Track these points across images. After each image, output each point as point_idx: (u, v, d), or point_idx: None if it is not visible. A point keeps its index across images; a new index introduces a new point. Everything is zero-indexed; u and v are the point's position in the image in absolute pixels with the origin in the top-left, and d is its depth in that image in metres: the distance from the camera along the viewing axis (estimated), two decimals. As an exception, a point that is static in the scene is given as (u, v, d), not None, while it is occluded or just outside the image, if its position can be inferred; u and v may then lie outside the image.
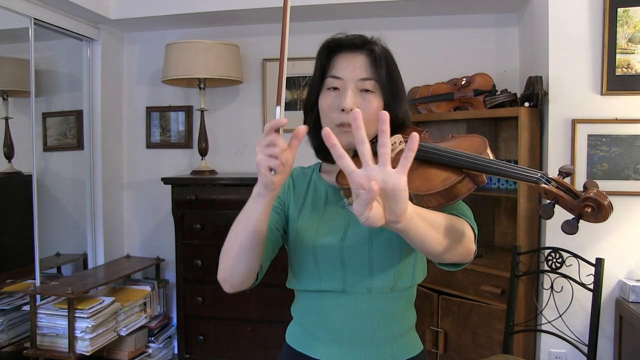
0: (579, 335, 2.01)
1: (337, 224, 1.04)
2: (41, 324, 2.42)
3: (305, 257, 1.04)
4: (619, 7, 2.17)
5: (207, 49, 2.73)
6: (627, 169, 2.18)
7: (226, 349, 2.76)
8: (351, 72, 1.01)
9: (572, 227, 0.78)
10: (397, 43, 3.21)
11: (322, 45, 1.06)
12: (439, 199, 0.85)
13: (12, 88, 2.91)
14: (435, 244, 0.83)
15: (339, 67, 1.03)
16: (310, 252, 1.03)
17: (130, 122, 3.27)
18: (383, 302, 1.03)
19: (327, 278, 1.03)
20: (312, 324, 1.06)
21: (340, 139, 0.98)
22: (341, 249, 1.01)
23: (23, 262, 2.75)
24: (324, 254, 1.02)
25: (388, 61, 1.04)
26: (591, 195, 0.77)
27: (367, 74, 1.01)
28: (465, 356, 2.33)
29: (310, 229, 1.05)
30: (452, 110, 2.60)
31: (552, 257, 2.08)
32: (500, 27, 2.83)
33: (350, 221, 1.03)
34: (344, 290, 1.02)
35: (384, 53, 1.04)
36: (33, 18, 2.54)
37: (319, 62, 1.05)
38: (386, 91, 1.03)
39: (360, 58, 1.02)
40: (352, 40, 1.03)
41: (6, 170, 2.91)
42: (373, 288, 1.01)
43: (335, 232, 1.03)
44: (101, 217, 3.07)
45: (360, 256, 1.01)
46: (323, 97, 1.04)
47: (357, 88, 1.01)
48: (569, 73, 2.24)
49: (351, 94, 1.00)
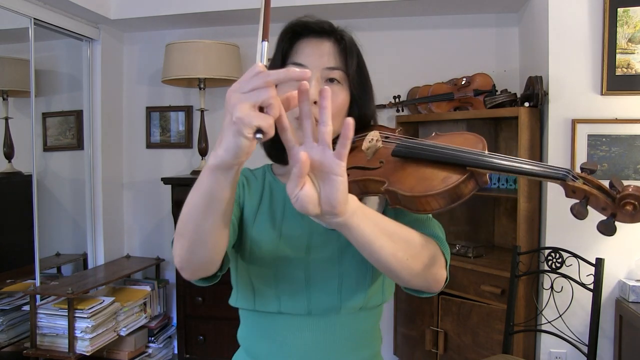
0: (579, 335, 2.01)
1: (299, 233, 0.90)
2: (41, 324, 2.42)
3: (262, 273, 0.89)
4: (619, 7, 2.17)
5: (207, 49, 2.73)
6: (627, 169, 2.18)
7: (226, 349, 2.75)
8: (316, 60, 0.89)
9: (609, 227, 0.69)
10: (397, 43, 3.20)
11: (285, 27, 0.92)
12: (440, 201, 0.75)
13: (12, 88, 2.91)
14: (388, 254, 0.73)
15: (303, 53, 0.90)
16: (269, 267, 0.88)
17: (130, 122, 3.27)
18: (353, 324, 0.90)
19: (288, 299, 0.88)
20: (265, 352, 0.91)
21: (299, 134, 0.84)
22: (306, 263, 0.88)
23: (23, 262, 2.75)
24: (286, 271, 0.88)
25: (358, 52, 0.93)
26: (631, 191, 0.68)
27: (335, 63, 0.89)
28: (465, 356, 2.33)
29: (268, 239, 0.89)
30: (452, 110, 2.60)
31: (552, 257, 2.08)
32: (500, 27, 2.83)
33: (314, 230, 0.89)
34: (308, 313, 0.88)
35: (353, 43, 0.93)
36: (33, 18, 2.54)
37: (280, 47, 0.91)
38: (355, 84, 0.92)
39: (327, 45, 0.90)
40: (320, 25, 0.91)
41: (6, 170, 2.91)
42: (342, 308, 0.88)
43: (298, 244, 0.89)
44: (101, 217, 3.07)
45: (329, 272, 0.88)
46: (282, 87, 0.86)
47: (322, 78, 0.89)
48: (569, 73, 2.24)
49: (315, 83, 0.87)
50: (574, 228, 2.19)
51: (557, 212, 2.22)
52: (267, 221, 0.92)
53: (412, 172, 0.78)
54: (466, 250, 2.41)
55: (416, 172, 0.78)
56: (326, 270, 0.88)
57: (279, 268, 0.88)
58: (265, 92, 0.58)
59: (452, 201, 0.75)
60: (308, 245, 0.89)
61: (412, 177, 0.78)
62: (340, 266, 0.88)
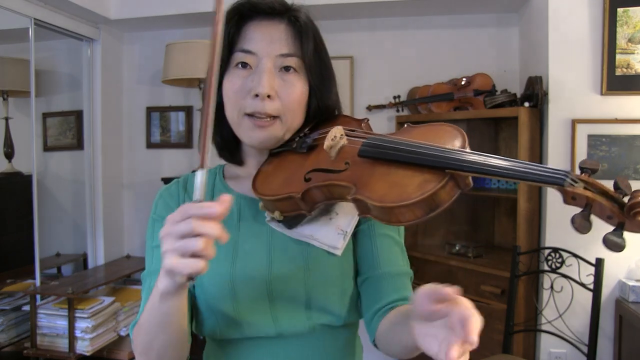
0: (579, 335, 2.01)
1: (258, 247, 0.79)
2: (41, 324, 2.42)
3: (219, 297, 0.78)
4: (619, 7, 2.17)
5: (207, 49, 2.72)
6: (627, 169, 2.18)
7: (226, 349, 2.75)
8: (268, 46, 0.77)
9: (616, 244, 0.57)
10: (397, 43, 3.19)
11: (231, 7, 0.79)
12: (416, 212, 0.63)
13: (12, 88, 2.91)
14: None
15: (252, 38, 0.78)
16: (226, 289, 0.77)
17: (130, 122, 3.27)
18: (332, 341, 0.81)
19: (252, 322, 0.78)
20: None
21: (251, 134, 0.78)
22: (269, 282, 0.77)
23: (23, 262, 2.75)
24: (246, 291, 0.77)
25: (315, 34, 0.81)
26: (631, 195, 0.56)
27: (289, 48, 0.78)
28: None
29: (222, 257, 0.77)
30: (452, 110, 2.60)
31: (552, 257, 2.08)
32: (500, 27, 2.83)
33: (274, 242, 0.79)
34: (279, 335, 0.78)
35: (309, 24, 0.81)
36: (33, 18, 2.54)
37: (227, 31, 0.78)
38: (312, 72, 0.80)
39: (280, 28, 0.79)
40: (270, 5, 0.79)
41: (6, 170, 2.91)
42: (316, 326, 0.79)
43: (258, 259, 0.78)
44: (101, 217, 3.07)
45: (295, 288, 0.77)
46: (229, 78, 0.78)
47: (275, 66, 0.77)
48: (568, 73, 2.24)
49: (268, 74, 0.76)
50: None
51: (557, 212, 2.22)
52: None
53: (383, 176, 0.67)
54: (466, 250, 2.41)
55: (387, 176, 0.66)
56: (292, 286, 0.78)
57: (238, 291, 0.77)
58: (194, 243, 0.54)
59: (430, 211, 0.63)
60: (269, 260, 0.78)
61: (383, 183, 0.66)
62: (307, 280, 0.77)
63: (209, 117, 0.62)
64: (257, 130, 0.77)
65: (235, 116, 0.79)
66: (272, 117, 0.77)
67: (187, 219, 0.55)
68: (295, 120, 0.80)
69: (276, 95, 0.77)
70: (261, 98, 0.75)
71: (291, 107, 0.78)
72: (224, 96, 0.79)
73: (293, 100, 0.78)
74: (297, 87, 0.79)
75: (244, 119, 0.77)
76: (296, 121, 0.80)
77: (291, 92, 0.78)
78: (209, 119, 0.62)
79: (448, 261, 2.43)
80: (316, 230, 0.79)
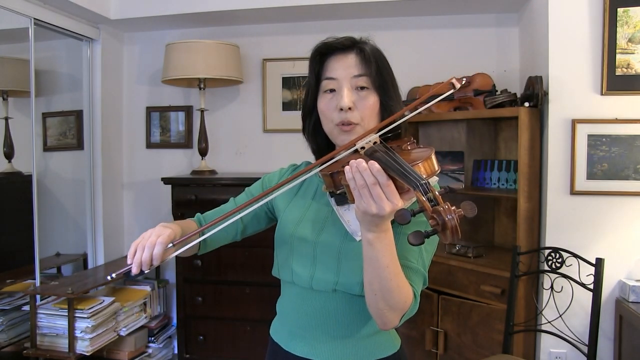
0: (579, 335, 2.01)
1: (318, 218, 1.07)
2: (41, 324, 2.42)
3: (284, 247, 1.09)
4: (619, 7, 2.17)
5: (207, 49, 2.73)
6: (627, 169, 2.18)
7: (226, 349, 2.76)
8: (344, 71, 1.03)
9: (416, 237, 0.71)
10: (397, 43, 3.20)
11: (313, 50, 1.07)
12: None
13: (12, 88, 2.91)
14: (382, 284, 0.86)
15: (332, 68, 1.04)
16: (288, 242, 1.07)
17: (130, 122, 3.27)
18: (348, 304, 1.02)
19: (298, 271, 1.05)
20: (284, 316, 1.11)
21: (339, 138, 1.05)
22: (315, 243, 1.04)
23: (23, 262, 2.74)
24: (299, 247, 1.05)
25: (377, 58, 1.05)
26: (440, 208, 0.69)
27: (359, 70, 1.02)
28: (465, 356, 2.33)
29: (292, 220, 1.09)
30: (452, 110, 2.60)
31: (552, 257, 2.08)
32: (500, 27, 2.83)
33: (330, 218, 1.05)
34: (310, 287, 1.03)
35: (373, 51, 1.06)
36: (33, 18, 2.54)
37: (313, 68, 1.07)
38: (378, 87, 1.04)
39: (351, 57, 1.04)
40: (341, 42, 1.05)
41: (6, 170, 2.91)
42: (338, 289, 1.01)
43: (314, 227, 1.06)
44: (101, 217, 3.07)
45: (330, 254, 1.01)
46: (321, 100, 1.06)
47: (352, 86, 1.02)
48: (569, 73, 2.24)
49: (347, 92, 1.01)
50: (574, 228, 2.20)
51: (557, 212, 2.22)
52: (297, 207, 1.11)
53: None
54: (466, 250, 2.41)
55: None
56: (329, 252, 1.01)
57: (294, 245, 1.06)
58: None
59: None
60: (321, 229, 1.05)
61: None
62: (340, 251, 1.00)
63: None
64: (344, 135, 1.02)
65: (329, 126, 1.05)
66: (354, 124, 1.02)
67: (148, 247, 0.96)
68: (371, 125, 1.02)
69: (355, 107, 1.01)
70: (344, 110, 1.00)
71: (367, 115, 1.02)
72: (320, 113, 1.06)
73: (367, 109, 1.02)
74: (369, 99, 1.03)
75: (335, 128, 1.03)
76: (370, 126, 1.02)
77: (365, 103, 1.02)
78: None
79: (448, 261, 2.43)
80: (351, 214, 0.99)
